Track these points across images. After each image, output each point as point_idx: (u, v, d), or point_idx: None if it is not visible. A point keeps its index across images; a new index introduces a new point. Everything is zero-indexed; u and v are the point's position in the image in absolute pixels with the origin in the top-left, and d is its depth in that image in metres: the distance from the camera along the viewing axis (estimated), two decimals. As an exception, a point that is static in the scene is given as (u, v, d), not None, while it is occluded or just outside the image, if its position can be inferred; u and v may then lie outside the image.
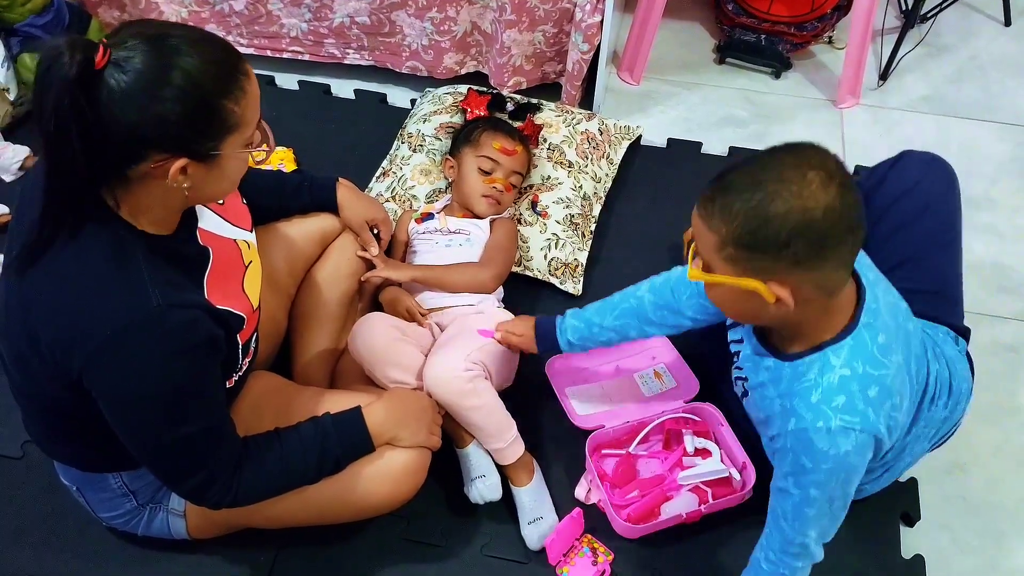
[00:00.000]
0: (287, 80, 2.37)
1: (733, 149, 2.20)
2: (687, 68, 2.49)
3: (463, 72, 2.29)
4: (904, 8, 2.55)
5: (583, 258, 1.87)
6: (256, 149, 1.09)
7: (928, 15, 2.50)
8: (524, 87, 2.24)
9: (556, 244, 1.84)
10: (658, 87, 2.43)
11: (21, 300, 1.06)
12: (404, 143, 2.02)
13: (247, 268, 1.27)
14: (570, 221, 1.88)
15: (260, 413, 1.32)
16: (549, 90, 2.27)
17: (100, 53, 0.92)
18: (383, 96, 2.32)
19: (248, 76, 1.03)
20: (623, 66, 2.43)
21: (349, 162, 2.09)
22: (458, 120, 2.02)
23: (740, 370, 1.29)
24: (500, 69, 2.19)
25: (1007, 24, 2.65)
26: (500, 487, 1.46)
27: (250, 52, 2.33)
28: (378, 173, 2.01)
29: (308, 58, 2.34)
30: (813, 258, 1.02)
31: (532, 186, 1.92)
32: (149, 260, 1.05)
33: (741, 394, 1.32)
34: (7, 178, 2.05)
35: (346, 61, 2.33)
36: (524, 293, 1.82)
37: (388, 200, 1.92)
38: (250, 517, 1.32)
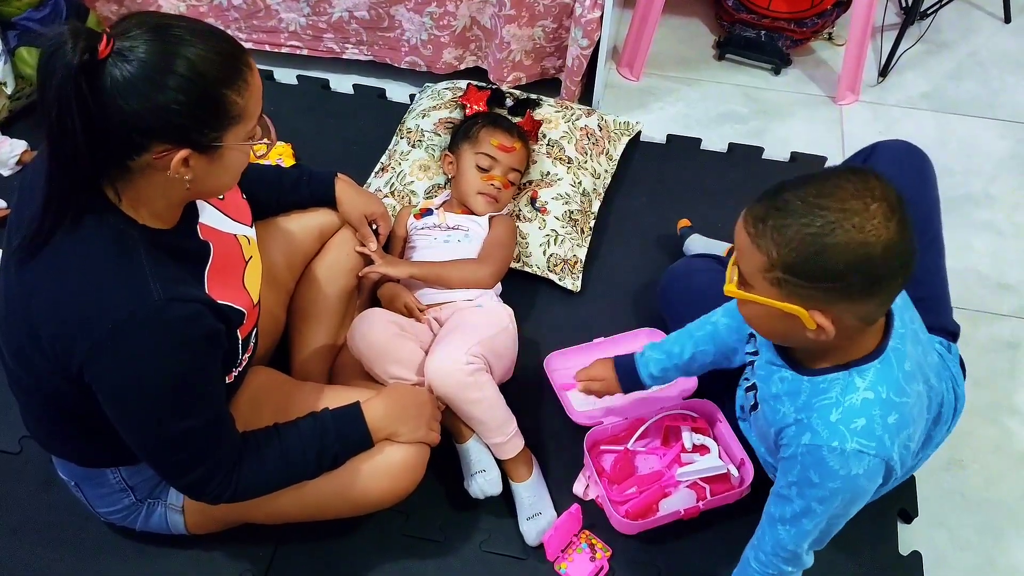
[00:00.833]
0: (286, 75, 2.37)
1: (732, 145, 2.19)
2: (687, 64, 2.48)
3: (462, 67, 2.29)
4: (904, 5, 2.55)
5: (582, 254, 1.87)
6: (258, 142, 1.08)
7: (928, 12, 2.50)
8: (523, 82, 2.24)
9: (555, 240, 1.84)
10: (658, 83, 2.42)
11: (21, 293, 1.06)
12: (403, 138, 2.02)
13: (247, 263, 1.26)
14: (569, 217, 1.87)
15: (259, 408, 1.31)
16: (548, 86, 2.26)
17: (104, 42, 0.92)
18: (382, 91, 2.31)
19: (251, 69, 1.03)
20: (623, 62, 2.43)
21: (348, 157, 2.08)
22: (457, 116, 2.01)
23: (748, 380, 1.28)
24: (499, 64, 2.18)
25: (1007, 21, 2.65)
26: (500, 482, 1.46)
27: (248, 46, 2.32)
28: (377, 168, 2.01)
29: (307, 53, 2.34)
30: (864, 293, 0.98)
31: (531, 182, 1.92)
32: (150, 254, 1.04)
33: (750, 407, 1.30)
34: (4, 172, 2.05)
35: (345, 56, 2.32)
36: (523, 289, 1.82)
37: (387, 196, 1.91)
38: (249, 512, 1.32)
